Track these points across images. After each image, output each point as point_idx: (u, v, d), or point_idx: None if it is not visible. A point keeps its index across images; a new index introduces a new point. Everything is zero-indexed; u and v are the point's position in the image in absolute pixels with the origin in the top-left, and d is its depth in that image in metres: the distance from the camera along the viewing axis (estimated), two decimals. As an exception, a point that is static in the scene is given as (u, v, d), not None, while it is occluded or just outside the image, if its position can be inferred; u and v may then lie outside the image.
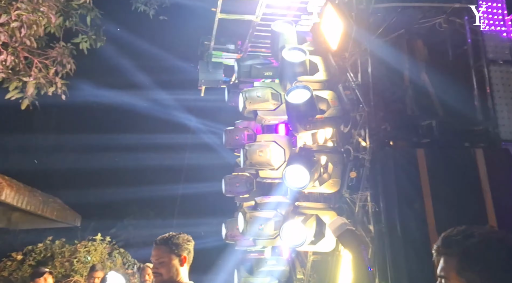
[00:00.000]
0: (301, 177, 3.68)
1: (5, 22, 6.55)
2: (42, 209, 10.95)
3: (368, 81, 4.09)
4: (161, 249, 2.59)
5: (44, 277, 5.07)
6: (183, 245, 2.62)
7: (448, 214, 3.68)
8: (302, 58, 4.28)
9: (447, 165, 3.87)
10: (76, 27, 8.58)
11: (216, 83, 6.07)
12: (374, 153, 3.77)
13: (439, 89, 4.95)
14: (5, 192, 9.16)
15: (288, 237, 3.92)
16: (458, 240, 1.44)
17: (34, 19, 7.16)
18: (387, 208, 3.72)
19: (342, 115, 3.96)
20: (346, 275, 3.85)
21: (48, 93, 7.86)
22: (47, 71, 7.77)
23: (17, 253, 8.91)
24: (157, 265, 2.58)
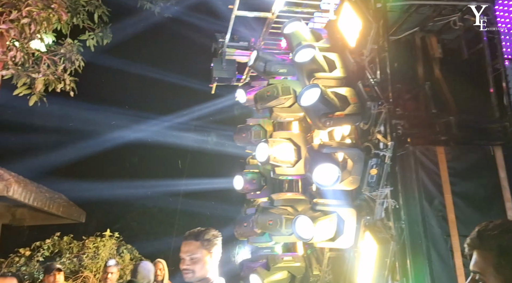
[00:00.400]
0: (328, 175, 3.69)
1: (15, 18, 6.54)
2: (48, 205, 10.97)
3: (387, 78, 4.10)
4: (192, 244, 2.50)
5: (54, 274, 5.09)
6: (214, 240, 2.56)
7: (468, 210, 3.71)
8: (311, 54, 4.26)
9: (467, 163, 3.90)
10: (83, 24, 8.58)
11: (230, 80, 6.08)
12: (394, 150, 3.79)
13: (453, 86, 4.98)
14: (13, 188, 9.16)
15: (300, 232, 3.93)
16: (496, 235, 1.41)
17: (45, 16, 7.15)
18: (407, 205, 3.74)
19: (362, 112, 3.97)
20: (365, 271, 3.87)
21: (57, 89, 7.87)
22: (56, 67, 7.78)
23: (25, 249, 8.94)
24: (188, 262, 2.48)
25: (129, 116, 18.53)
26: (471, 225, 3.70)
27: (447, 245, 3.61)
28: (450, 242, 3.63)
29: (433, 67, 5.29)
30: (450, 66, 5.14)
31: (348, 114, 3.92)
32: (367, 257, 3.87)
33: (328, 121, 3.87)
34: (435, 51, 5.34)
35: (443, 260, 3.58)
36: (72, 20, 8.32)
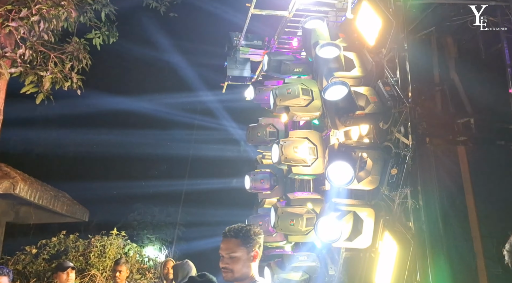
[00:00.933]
0: (343, 174, 3.67)
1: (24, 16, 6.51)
2: (53, 203, 10.94)
3: (407, 78, 4.07)
4: (232, 242, 2.32)
5: (67, 272, 5.06)
6: (255, 238, 2.36)
7: (490, 211, 3.68)
8: (336, 53, 4.25)
9: (488, 162, 3.87)
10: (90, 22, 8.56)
11: (243, 79, 6.05)
12: (415, 150, 3.75)
13: (470, 87, 4.94)
14: (20, 186, 9.13)
15: (323, 233, 3.90)
16: None
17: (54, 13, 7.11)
18: (427, 205, 3.71)
19: (383, 111, 3.93)
20: (384, 271, 3.84)
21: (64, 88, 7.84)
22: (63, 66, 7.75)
23: (31, 247, 8.91)
24: (227, 260, 2.31)
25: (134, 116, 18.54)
26: (493, 226, 3.69)
27: (468, 246, 3.58)
28: (472, 243, 3.59)
29: (448, 67, 5.26)
30: (467, 66, 5.10)
31: (368, 113, 3.89)
32: (387, 257, 3.83)
33: (348, 120, 3.84)
34: (451, 51, 5.30)
35: (464, 261, 3.54)
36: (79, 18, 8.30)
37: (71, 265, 5.14)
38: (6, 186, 8.85)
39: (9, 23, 6.37)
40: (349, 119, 3.82)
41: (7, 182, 8.86)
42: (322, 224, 3.94)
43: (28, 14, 6.69)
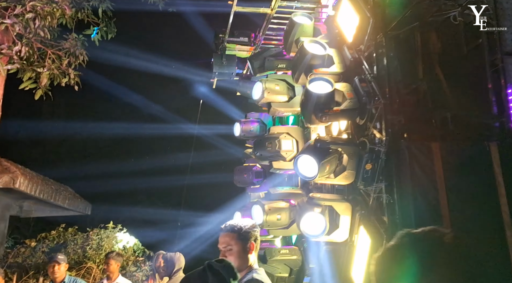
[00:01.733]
0: (311, 167, 3.74)
1: (19, 13, 6.62)
2: (54, 197, 11.15)
3: (384, 74, 4.11)
4: (228, 236, 2.47)
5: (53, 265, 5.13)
6: (250, 231, 2.51)
7: (462, 206, 3.73)
8: (322, 52, 4.30)
9: (462, 159, 3.91)
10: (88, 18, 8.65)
11: (230, 75, 6.12)
12: (389, 146, 3.81)
13: (453, 82, 4.97)
14: (19, 180, 9.33)
15: (307, 228, 3.99)
16: None
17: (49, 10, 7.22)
18: (401, 199, 3.77)
19: (358, 108, 3.99)
20: (359, 264, 3.92)
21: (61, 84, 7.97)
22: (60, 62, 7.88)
23: (30, 240, 9.10)
24: (225, 253, 2.45)
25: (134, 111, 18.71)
26: (465, 221, 3.74)
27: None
28: (443, 237, 3.65)
29: (433, 63, 5.28)
30: (450, 62, 5.12)
31: (344, 109, 3.95)
32: (362, 251, 3.92)
33: (324, 116, 3.91)
34: (435, 46, 5.32)
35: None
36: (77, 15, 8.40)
37: (58, 259, 5.14)
38: (6, 181, 9.06)
39: (4, 21, 6.50)
40: (325, 115, 3.88)
41: (7, 177, 9.07)
42: (306, 220, 4.04)
43: (23, 11, 6.79)
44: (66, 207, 12.18)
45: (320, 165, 3.74)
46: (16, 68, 7.16)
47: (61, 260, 5.17)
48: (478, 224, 3.73)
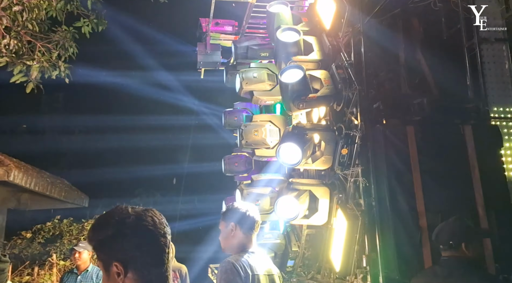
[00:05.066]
0: (293, 155, 3.83)
1: (6, 6, 6.65)
2: (50, 190, 11.26)
3: (361, 60, 4.18)
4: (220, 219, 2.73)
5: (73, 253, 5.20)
6: (232, 210, 2.69)
7: (436, 188, 3.83)
8: (296, 38, 4.36)
9: (436, 142, 3.99)
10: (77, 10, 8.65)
11: (215, 64, 6.17)
12: (365, 131, 3.90)
13: (434, 68, 5.04)
14: (14, 173, 9.43)
15: (282, 211, 4.09)
16: None
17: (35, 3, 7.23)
18: (377, 182, 3.86)
19: (335, 94, 4.07)
20: (337, 246, 4.03)
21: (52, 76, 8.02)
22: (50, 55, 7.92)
23: (26, 232, 9.22)
24: None
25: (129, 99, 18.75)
26: (438, 202, 3.84)
27: (414, 221, 3.74)
28: (417, 218, 3.75)
29: (415, 49, 5.34)
30: (432, 48, 5.18)
31: (320, 96, 4.02)
32: (339, 233, 4.03)
33: (301, 103, 3.98)
34: (417, 32, 5.38)
35: (409, 235, 3.70)
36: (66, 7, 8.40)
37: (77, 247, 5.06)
38: (0, 174, 9.16)
39: (-9, 14, 6.53)
40: (301, 102, 3.96)
41: (1, 170, 9.17)
42: (281, 203, 4.13)
43: (10, 3, 6.80)
44: (63, 200, 12.32)
45: (303, 151, 3.83)
46: (5, 62, 7.22)
47: (80, 247, 5.04)
48: (452, 206, 3.83)
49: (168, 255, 1.36)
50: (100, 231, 1.33)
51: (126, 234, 1.29)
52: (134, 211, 1.35)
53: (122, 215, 1.32)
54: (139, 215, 1.34)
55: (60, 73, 8.04)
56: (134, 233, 1.30)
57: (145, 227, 1.31)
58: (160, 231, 1.34)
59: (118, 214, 1.33)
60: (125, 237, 1.29)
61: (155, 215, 1.37)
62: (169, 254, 1.36)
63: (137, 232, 1.30)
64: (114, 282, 1.27)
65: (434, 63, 5.07)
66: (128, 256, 1.28)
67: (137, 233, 1.30)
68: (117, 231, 1.30)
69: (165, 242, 1.34)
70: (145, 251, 1.30)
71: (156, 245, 1.32)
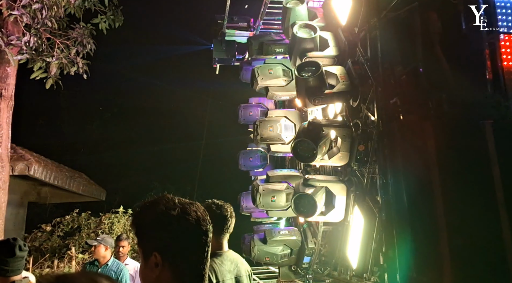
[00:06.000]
0: (308, 151, 3.81)
1: (27, 4, 6.77)
2: (69, 183, 11.51)
3: (377, 56, 4.12)
4: None
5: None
6: None
7: (455, 185, 3.76)
8: (313, 34, 4.33)
9: (455, 138, 3.91)
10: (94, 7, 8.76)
11: (230, 61, 6.17)
12: (382, 127, 3.85)
13: (451, 62, 4.93)
14: (34, 167, 9.66)
15: (299, 209, 4.09)
16: None
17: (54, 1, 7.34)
18: (394, 179, 3.82)
19: (351, 90, 4.03)
20: (354, 244, 4.02)
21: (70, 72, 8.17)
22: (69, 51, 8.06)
23: (46, 225, 9.41)
24: None
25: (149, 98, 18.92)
26: (457, 199, 3.78)
27: (432, 219, 3.69)
28: (435, 216, 3.70)
29: (433, 43, 5.24)
30: (450, 42, 5.07)
31: (336, 92, 3.99)
32: (356, 230, 4.01)
33: (317, 99, 3.96)
34: (435, 26, 5.27)
35: (427, 233, 3.66)
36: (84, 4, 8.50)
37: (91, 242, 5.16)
38: (21, 168, 9.39)
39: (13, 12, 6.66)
40: (317, 98, 3.94)
41: (22, 164, 9.40)
42: (298, 201, 4.13)
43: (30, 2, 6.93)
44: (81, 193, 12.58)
45: (318, 147, 3.82)
46: (26, 59, 7.37)
47: (94, 241, 5.09)
48: (471, 203, 3.76)
49: (207, 254, 1.32)
50: (143, 218, 1.31)
51: (169, 224, 1.27)
52: (180, 202, 1.33)
53: (167, 205, 1.30)
54: (184, 208, 1.31)
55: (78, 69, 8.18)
56: (177, 225, 1.27)
57: (188, 222, 1.28)
58: (202, 228, 1.31)
59: (164, 204, 1.31)
60: (167, 227, 1.26)
61: (199, 210, 1.33)
62: (208, 253, 1.33)
63: (180, 225, 1.28)
64: (151, 271, 1.25)
65: (451, 58, 4.97)
66: (168, 247, 1.25)
67: (180, 226, 1.28)
68: (160, 220, 1.28)
69: (206, 240, 1.31)
70: (185, 246, 1.27)
71: (197, 241, 1.29)
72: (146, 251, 1.28)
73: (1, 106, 7.95)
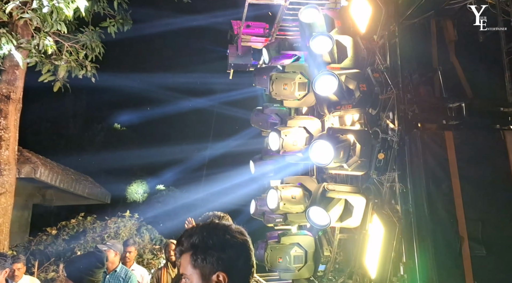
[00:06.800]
0: (326, 153, 3.77)
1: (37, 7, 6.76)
2: (74, 186, 11.49)
3: (397, 64, 4.11)
4: None
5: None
6: None
7: (475, 194, 3.74)
8: (329, 46, 4.28)
9: (476, 147, 3.90)
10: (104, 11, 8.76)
11: (245, 66, 6.15)
12: (402, 135, 3.83)
13: (469, 70, 4.92)
14: (40, 170, 9.64)
15: (315, 219, 4.06)
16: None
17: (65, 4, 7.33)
18: (414, 188, 3.79)
19: (370, 98, 4.01)
20: (373, 253, 3.98)
21: (79, 76, 8.17)
22: (77, 54, 8.05)
23: (51, 228, 9.34)
24: None
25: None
26: (478, 209, 3.75)
27: (453, 229, 3.66)
28: (457, 226, 3.67)
29: (448, 51, 5.23)
30: (466, 50, 5.07)
31: (355, 103, 3.97)
32: (375, 239, 3.97)
33: (336, 111, 3.94)
34: (450, 34, 5.27)
35: (448, 243, 3.63)
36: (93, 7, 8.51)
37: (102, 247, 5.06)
38: (28, 171, 9.37)
39: (23, 15, 6.66)
40: (337, 111, 3.92)
41: (28, 167, 9.38)
42: (314, 212, 4.10)
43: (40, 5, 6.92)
44: (86, 196, 12.57)
45: (335, 149, 3.77)
46: (35, 62, 7.36)
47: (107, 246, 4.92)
48: (492, 213, 3.74)
49: (252, 277, 1.41)
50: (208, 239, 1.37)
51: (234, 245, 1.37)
52: (236, 227, 1.44)
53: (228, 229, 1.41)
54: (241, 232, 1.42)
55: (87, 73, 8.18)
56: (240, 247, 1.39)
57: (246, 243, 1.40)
58: (251, 251, 1.42)
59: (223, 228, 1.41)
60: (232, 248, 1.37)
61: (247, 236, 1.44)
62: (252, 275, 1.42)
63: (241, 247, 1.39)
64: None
65: (469, 66, 4.96)
66: (232, 268, 1.34)
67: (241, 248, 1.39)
68: (226, 242, 1.37)
69: (253, 262, 1.41)
70: (242, 268, 1.37)
71: (249, 263, 1.39)
72: (206, 271, 1.34)
73: (9, 108, 7.94)
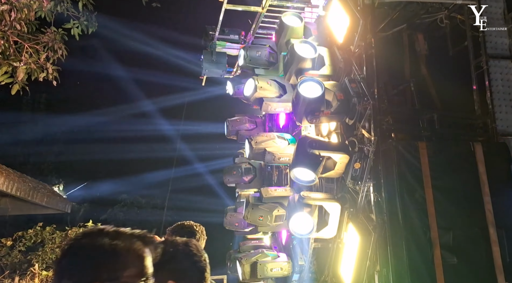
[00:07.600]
0: (307, 174, 3.79)
1: (-6, 4, 6.38)
2: (32, 195, 10.85)
3: (373, 74, 4.16)
4: None
5: None
6: None
7: (447, 204, 3.83)
8: (313, 55, 4.31)
9: (447, 158, 4.00)
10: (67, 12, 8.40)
11: (219, 73, 6.07)
12: (377, 145, 3.87)
13: (439, 83, 5.09)
14: (-5, 178, 9.04)
15: (296, 227, 4.03)
16: None
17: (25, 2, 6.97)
18: (389, 198, 3.83)
19: (348, 108, 4.03)
20: (348, 261, 3.98)
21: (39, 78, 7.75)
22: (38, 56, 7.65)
23: (6, 239, 8.79)
24: None
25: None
26: (450, 218, 3.84)
27: (426, 237, 3.72)
28: (429, 235, 3.74)
29: (419, 64, 5.40)
30: (436, 63, 5.25)
31: (333, 112, 3.98)
32: (350, 248, 3.98)
33: (314, 118, 3.94)
34: (421, 48, 5.44)
35: (421, 251, 3.68)
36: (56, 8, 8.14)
37: None
38: (-19, 178, 8.77)
39: (-24, 12, 6.26)
40: (315, 118, 3.91)
41: (-18, 174, 8.78)
42: (295, 220, 4.07)
43: (-3, 2, 6.53)
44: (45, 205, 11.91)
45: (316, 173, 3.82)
46: (-10, 63, 6.92)
47: None
48: (463, 222, 3.84)
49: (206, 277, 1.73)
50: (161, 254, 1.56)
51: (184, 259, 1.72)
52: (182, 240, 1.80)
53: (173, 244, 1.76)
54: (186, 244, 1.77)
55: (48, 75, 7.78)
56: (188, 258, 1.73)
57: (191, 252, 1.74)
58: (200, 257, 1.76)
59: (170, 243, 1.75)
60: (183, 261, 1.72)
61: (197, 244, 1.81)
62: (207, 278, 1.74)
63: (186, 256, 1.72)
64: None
65: (439, 78, 5.13)
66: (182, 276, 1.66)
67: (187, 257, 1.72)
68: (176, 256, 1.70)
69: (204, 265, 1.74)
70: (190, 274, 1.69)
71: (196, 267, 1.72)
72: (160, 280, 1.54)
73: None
